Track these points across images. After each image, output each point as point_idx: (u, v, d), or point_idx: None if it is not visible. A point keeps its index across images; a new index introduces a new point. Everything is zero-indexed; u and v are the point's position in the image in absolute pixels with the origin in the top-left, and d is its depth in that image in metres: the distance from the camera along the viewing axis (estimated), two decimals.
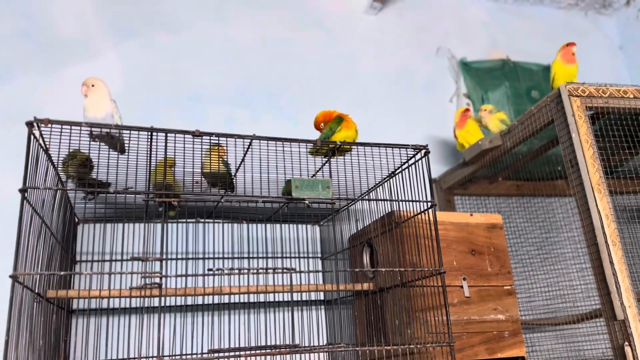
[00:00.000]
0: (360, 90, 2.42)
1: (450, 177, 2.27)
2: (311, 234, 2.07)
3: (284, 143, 1.35)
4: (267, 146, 1.30)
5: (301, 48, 2.38)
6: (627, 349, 1.40)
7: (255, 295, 1.78)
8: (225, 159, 1.55)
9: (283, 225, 2.00)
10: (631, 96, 1.63)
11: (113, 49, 2.13)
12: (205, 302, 1.70)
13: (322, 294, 1.98)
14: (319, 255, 2.04)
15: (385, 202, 1.62)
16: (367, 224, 1.75)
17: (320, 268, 2.03)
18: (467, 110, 2.14)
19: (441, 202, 2.33)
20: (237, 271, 1.14)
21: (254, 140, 1.29)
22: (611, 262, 1.44)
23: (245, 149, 1.30)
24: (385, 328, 1.61)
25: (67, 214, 1.63)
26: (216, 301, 1.73)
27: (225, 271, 1.12)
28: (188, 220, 1.83)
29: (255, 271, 1.17)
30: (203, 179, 1.56)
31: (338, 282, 1.23)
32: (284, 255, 1.95)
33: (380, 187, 1.72)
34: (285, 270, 1.16)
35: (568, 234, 2.15)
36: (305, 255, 2.01)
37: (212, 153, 1.49)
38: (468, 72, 2.58)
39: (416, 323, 1.49)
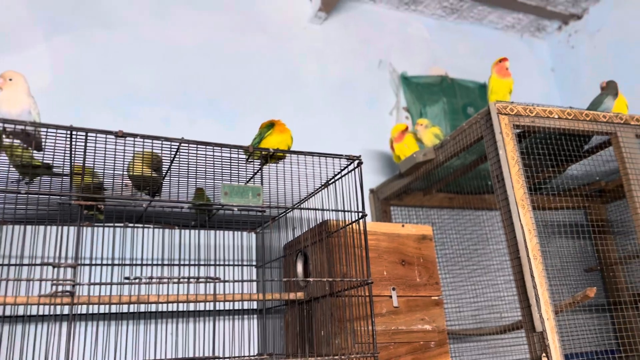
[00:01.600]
0: (302, 99, 2.42)
1: (387, 188, 2.30)
2: (247, 242, 2.04)
3: (216, 148, 1.32)
4: (198, 150, 1.26)
5: (243, 53, 2.36)
6: None
7: (185, 304, 1.72)
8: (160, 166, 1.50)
9: (218, 232, 1.95)
10: (556, 116, 1.71)
11: (43, 42, 2.02)
12: (131, 311, 1.63)
13: (255, 303, 1.94)
14: (254, 263, 2.01)
15: (320, 211, 1.62)
16: (303, 232, 1.74)
17: (254, 276, 2.00)
18: (405, 130, 2.17)
19: (378, 212, 2.36)
20: (156, 280, 1.10)
21: (183, 144, 1.25)
22: (532, 276, 1.49)
23: (174, 153, 1.26)
24: (314, 338, 1.60)
25: None
26: (142, 310, 1.67)
27: (144, 280, 1.07)
28: (116, 224, 1.75)
29: (176, 280, 1.13)
30: (130, 181, 1.50)
31: (264, 292, 1.21)
32: (217, 263, 1.91)
33: (315, 196, 1.72)
34: (208, 280, 1.12)
35: (495, 247, 2.22)
36: (240, 263, 1.97)
37: (138, 157, 1.44)
38: (408, 86, 2.63)
39: (344, 333, 1.48)
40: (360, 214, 1.44)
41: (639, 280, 2.29)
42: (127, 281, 1.08)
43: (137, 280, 1.07)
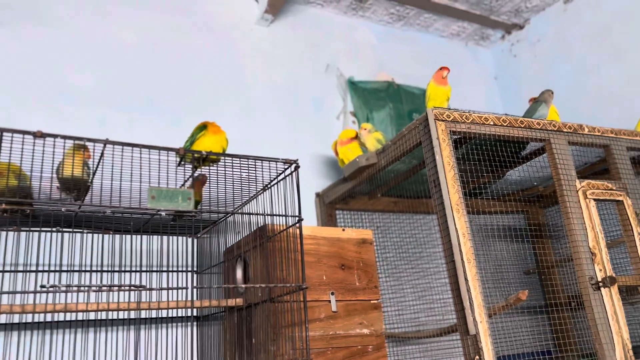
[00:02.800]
0: (247, 101, 2.39)
1: (332, 192, 2.30)
2: (185, 247, 1.99)
3: (144, 150, 1.28)
4: (123, 152, 1.22)
5: (187, 53, 2.31)
6: None
7: (117, 313, 1.65)
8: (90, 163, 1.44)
9: (156, 237, 1.90)
10: (491, 123, 1.75)
11: None
12: (54, 319, 1.55)
13: (194, 310, 1.90)
14: (194, 269, 1.96)
15: (258, 216, 1.60)
16: (243, 237, 1.71)
17: (196, 282, 1.95)
18: (354, 137, 2.17)
19: (323, 216, 2.35)
20: (74, 288, 1.05)
21: (110, 146, 1.20)
22: (466, 279, 1.52)
23: (100, 155, 1.21)
24: (251, 345, 1.57)
25: None
26: (70, 318, 1.59)
27: (62, 288, 1.02)
28: (44, 229, 1.67)
29: (96, 289, 1.08)
30: (58, 184, 1.44)
31: (193, 299, 1.17)
32: (155, 270, 1.85)
33: (257, 200, 1.69)
34: (132, 288, 1.08)
35: (433, 251, 2.26)
36: (178, 269, 1.92)
37: (70, 156, 1.38)
38: (355, 91, 2.65)
39: (280, 339, 1.46)
40: (297, 218, 1.43)
41: (573, 282, 2.37)
42: (43, 290, 1.02)
43: (54, 289, 1.01)
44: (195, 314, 1.88)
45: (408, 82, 2.80)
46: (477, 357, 1.48)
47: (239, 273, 1.74)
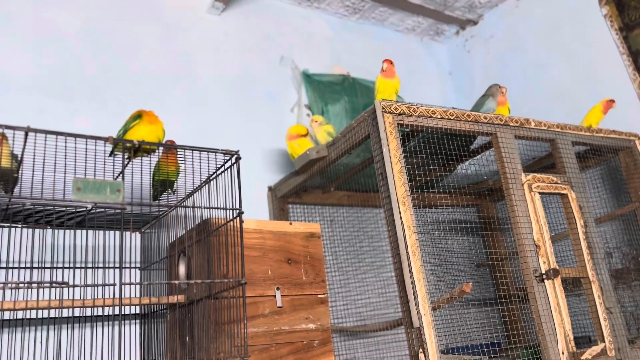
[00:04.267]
0: (196, 92, 2.32)
1: (284, 185, 2.27)
2: (131, 242, 1.92)
3: (75, 139, 1.22)
4: (46, 141, 1.15)
5: (132, 40, 2.22)
6: (421, 356, 1.47)
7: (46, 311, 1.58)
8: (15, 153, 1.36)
9: (93, 232, 1.82)
10: (439, 116, 1.74)
11: None
12: None
13: (137, 307, 1.83)
14: (138, 264, 1.90)
15: (199, 209, 1.55)
16: (185, 231, 1.66)
17: (139, 279, 1.88)
18: (305, 135, 2.14)
19: (275, 210, 2.32)
20: None
21: (33, 135, 1.13)
22: (410, 272, 1.51)
23: (23, 144, 1.14)
24: (193, 342, 1.52)
25: None
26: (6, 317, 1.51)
27: None
28: None
29: (13, 286, 1.01)
30: None
31: (121, 296, 1.12)
32: (89, 266, 1.77)
33: (200, 193, 1.64)
34: (54, 285, 1.02)
35: (382, 244, 2.25)
36: (122, 265, 1.84)
37: None
38: (310, 84, 2.62)
39: (223, 336, 1.42)
40: (237, 212, 1.38)
41: (520, 275, 2.41)
42: None
43: None
44: (137, 311, 1.82)
45: (364, 76, 2.78)
46: (420, 350, 1.48)
47: (182, 269, 1.69)
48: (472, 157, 2.01)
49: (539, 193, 1.82)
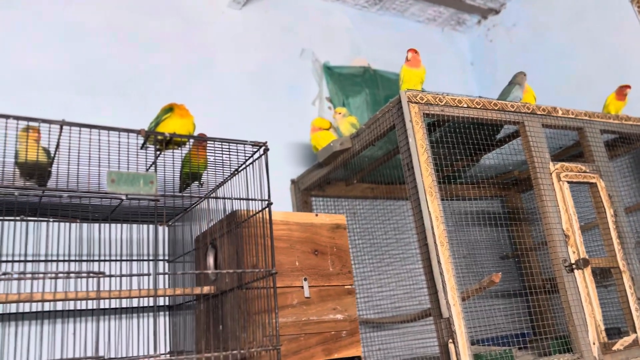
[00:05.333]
0: (218, 87, 2.34)
1: (307, 178, 2.27)
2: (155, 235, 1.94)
3: (108, 132, 1.23)
4: (81, 134, 1.16)
5: (154, 36, 2.24)
6: (451, 346, 1.47)
7: (73, 303, 1.61)
8: (46, 147, 1.38)
9: (126, 225, 1.85)
10: (465, 105, 1.73)
11: None
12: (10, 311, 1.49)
13: (165, 300, 1.86)
14: (166, 257, 1.92)
15: (230, 201, 1.56)
16: (213, 224, 1.67)
17: (168, 271, 1.91)
18: (328, 128, 2.14)
19: (299, 203, 2.32)
20: (29, 276, 1.00)
21: (67, 127, 1.15)
22: (439, 262, 1.50)
23: (58, 137, 1.16)
24: (223, 333, 1.54)
25: None
26: (30, 309, 1.54)
27: (15, 276, 0.97)
28: (6, 217, 1.61)
29: (52, 276, 1.03)
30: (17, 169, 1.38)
31: (156, 287, 1.13)
32: (124, 259, 1.80)
33: (227, 185, 1.66)
34: (90, 275, 1.04)
35: (407, 236, 2.24)
36: (149, 257, 1.87)
37: (27, 139, 1.32)
38: (331, 77, 2.61)
39: (253, 326, 1.44)
40: (267, 202, 1.39)
41: (549, 265, 2.38)
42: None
43: (5, 277, 0.96)
44: (166, 303, 1.84)
45: (384, 68, 2.77)
46: (450, 340, 1.47)
47: (210, 260, 1.70)
48: (499, 147, 1.99)
49: (568, 182, 1.80)
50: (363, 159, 2.06)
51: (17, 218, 1.65)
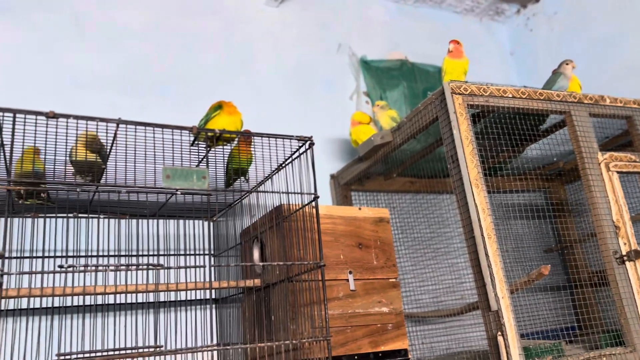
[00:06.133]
0: (257, 84, 2.36)
1: (347, 172, 2.28)
2: (202, 231, 1.98)
3: (162, 130, 1.27)
4: (136, 132, 1.20)
5: (195, 36, 2.29)
6: (500, 339, 1.45)
7: (134, 295, 1.66)
8: (103, 146, 1.43)
9: (172, 220, 1.89)
10: (510, 95, 1.70)
11: None
12: (73, 304, 1.56)
13: (213, 293, 1.89)
14: (212, 252, 1.96)
15: (275, 196, 1.58)
16: (258, 218, 1.70)
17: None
18: (368, 122, 2.14)
19: (339, 197, 2.33)
20: (92, 268, 1.04)
21: (122, 126, 1.19)
22: (486, 255, 1.49)
23: (113, 135, 1.20)
24: (271, 325, 1.56)
25: None
26: (90, 302, 1.60)
27: (79, 268, 1.01)
28: (58, 215, 1.67)
29: (114, 268, 1.07)
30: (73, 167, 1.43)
31: (211, 279, 1.16)
32: (173, 253, 1.85)
33: (270, 180, 1.68)
34: (150, 267, 1.07)
35: (450, 230, 2.22)
36: (195, 252, 1.91)
37: (80, 142, 1.37)
38: (368, 71, 2.61)
39: (301, 318, 1.45)
40: (313, 196, 1.41)
41: (597, 258, 2.33)
42: (59, 270, 1.02)
43: (70, 269, 1.01)
44: (213, 296, 1.88)
45: (422, 60, 2.74)
46: (499, 333, 1.46)
47: (256, 254, 1.73)
48: (544, 137, 1.95)
49: (617, 172, 1.75)
50: (403, 152, 2.05)
51: (70, 215, 1.72)
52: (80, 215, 1.72)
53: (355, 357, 1.51)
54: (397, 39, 2.78)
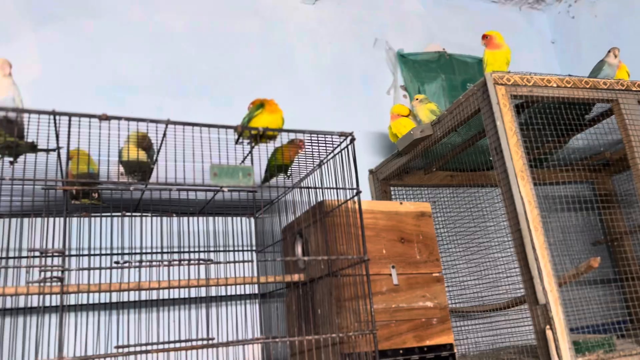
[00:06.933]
0: (296, 81, 2.38)
1: (385, 167, 2.27)
2: (244, 227, 2.02)
3: (209, 129, 1.30)
4: (185, 132, 1.24)
5: (234, 36, 2.32)
6: (549, 333, 1.43)
7: (181, 290, 1.71)
8: (152, 145, 1.48)
9: (217, 218, 1.94)
10: (554, 85, 1.66)
11: (31, 34, 2.00)
12: (127, 299, 1.62)
13: (256, 288, 1.93)
14: (254, 248, 1.99)
15: (317, 191, 1.60)
16: (300, 214, 1.72)
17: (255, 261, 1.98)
18: (407, 115, 2.13)
19: (378, 193, 2.33)
20: (146, 264, 1.08)
21: (171, 127, 1.22)
22: (533, 248, 1.46)
23: (162, 136, 1.24)
24: (315, 319, 1.58)
25: None
26: (143, 297, 1.66)
27: (133, 264, 1.05)
28: (108, 214, 1.74)
29: (167, 264, 1.11)
30: (122, 168, 1.49)
31: (259, 275, 1.18)
32: (216, 249, 1.89)
33: (311, 176, 1.69)
34: (200, 262, 1.10)
35: (493, 224, 2.19)
36: (238, 248, 1.95)
37: (131, 141, 1.42)
38: (405, 64, 2.59)
39: (345, 312, 1.47)
40: (355, 191, 1.41)
41: None
42: (116, 266, 1.06)
43: (126, 265, 1.05)
44: (256, 291, 1.92)
45: (460, 52, 2.71)
46: (547, 327, 1.43)
47: (299, 249, 1.75)
48: (590, 127, 1.90)
49: None
50: (444, 145, 2.03)
51: (118, 214, 1.78)
52: (128, 214, 1.78)
53: (401, 351, 1.51)
54: (433, 31, 2.75)
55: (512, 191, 1.52)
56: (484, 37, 1.85)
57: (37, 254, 1.07)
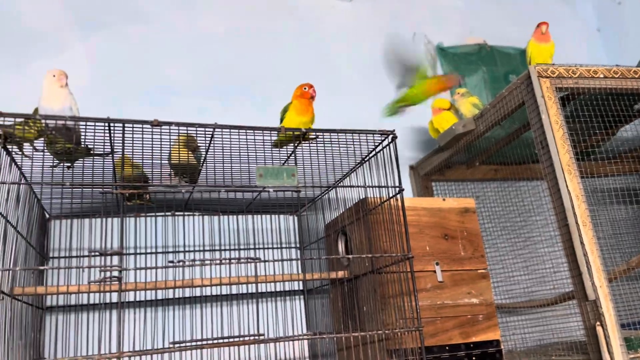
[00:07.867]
0: (334, 79, 2.40)
1: (426, 163, 2.26)
2: (288, 224, 2.05)
3: (254, 132, 1.34)
4: (238, 135, 1.28)
5: (272, 37, 2.36)
6: (599, 329, 1.40)
7: (230, 287, 1.76)
8: (197, 149, 1.53)
9: (261, 216, 1.98)
10: (601, 76, 1.62)
11: (80, 43, 2.09)
12: (176, 296, 1.68)
13: (301, 285, 1.96)
14: (297, 245, 2.03)
15: (359, 189, 1.61)
16: (342, 211, 1.74)
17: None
18: (448, 108, 2.11)
19: (419, 188, 2.32)
20: (199, 262, 1.13)
21: (218, 130, 1.26)
22: (582, 243, 1.44)
23: (209, 139, 1.28)
24: (359, 315, 1.60)
25: (36, 210, 1.60)
26: (187, 294, 1.72)
27: (187, 263, 1.10)
28: (158, 214, 1.80)
29: (218, 262, 1.15)
30: (171, 169, 1.54)
31: (305, 271, 1.21)
32: (260, 247, 1.94)
33: (353, 174, 1.71)
34: (249, 260, 1.14)
35: (540, 218, 2.15)
36: (282, 246, 1.99)
37: (180, 143, 1.47)
38: (445, 58, 2.57)
39: (389, 308, 1.48)
40: (398, 189, 1.42)
41: None
42: (171, 265, 1.11)
43: (180, 264, 1.10)
44: (300, 287, 1.95)
45: (501, 43, 2.66)
46: (598, 323, 1.41)
47: (341, 246, 1.77)
48: (639, 118, 1.84)
49: None
50: (487, 139, 2.00)
51: (169, 213, 1.85)
52: (178, 213, 1.84)
53: (447, 348, 1.51)
54: (472, 23, 2.71)
55: (559, 186, 1.49)
56: (543, 24, 1.81)
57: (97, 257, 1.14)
